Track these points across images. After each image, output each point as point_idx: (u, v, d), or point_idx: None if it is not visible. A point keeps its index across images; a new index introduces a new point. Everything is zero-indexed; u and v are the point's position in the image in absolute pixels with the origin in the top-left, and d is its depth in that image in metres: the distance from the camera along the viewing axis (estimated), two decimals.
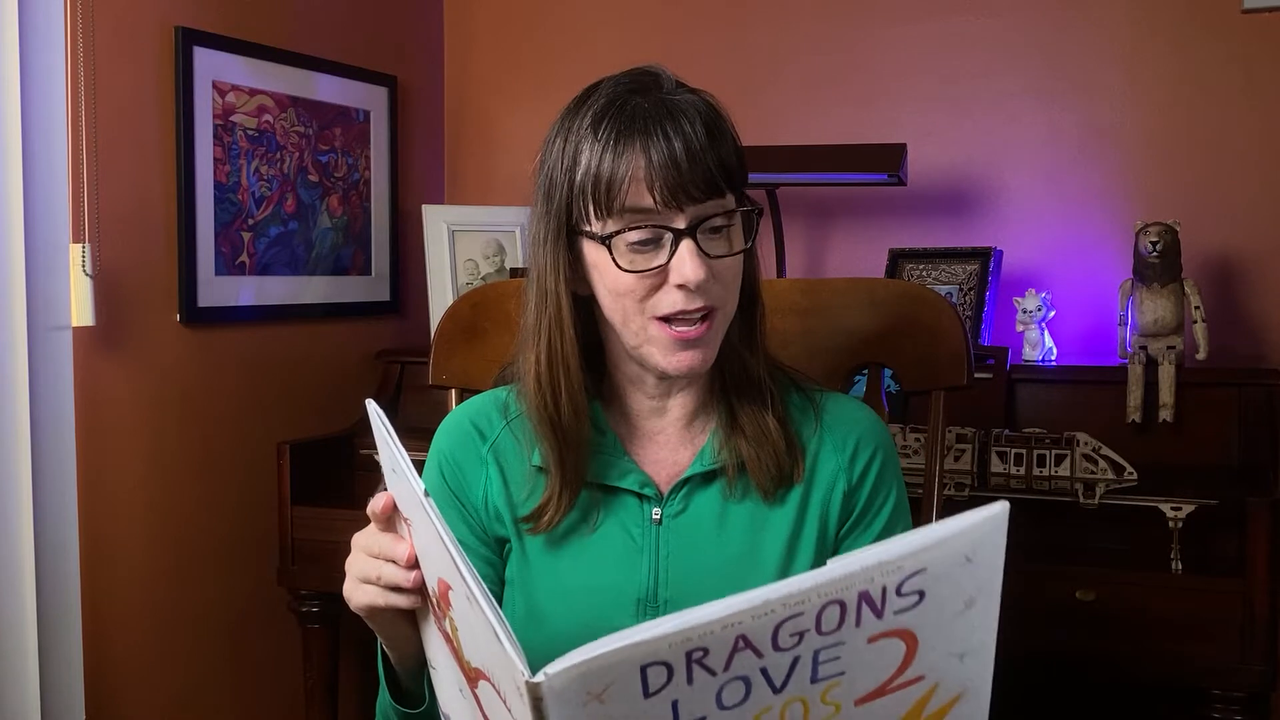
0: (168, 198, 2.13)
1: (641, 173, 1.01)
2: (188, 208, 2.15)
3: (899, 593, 0.73)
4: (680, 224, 1.02)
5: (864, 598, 0.72)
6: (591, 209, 1.03)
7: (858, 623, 0.73)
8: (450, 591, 0.83)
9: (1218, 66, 2.25)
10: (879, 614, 0.73)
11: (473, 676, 0.83)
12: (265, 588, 2.29)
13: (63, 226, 1.91)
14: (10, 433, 1.82)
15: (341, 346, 2.54)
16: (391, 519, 0.94)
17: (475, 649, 0.81)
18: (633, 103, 1.03)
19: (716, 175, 1.02)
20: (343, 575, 0.97)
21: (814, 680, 0.74)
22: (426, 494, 0.83)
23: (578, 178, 1.04)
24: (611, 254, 1.03)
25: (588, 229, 1.05)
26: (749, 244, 1.07)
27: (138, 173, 2.08)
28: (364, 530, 0.97)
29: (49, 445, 1.87)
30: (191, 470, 2.19)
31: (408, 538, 0.92)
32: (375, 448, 0.95)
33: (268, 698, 2.38)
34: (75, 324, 1.92)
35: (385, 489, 0.94)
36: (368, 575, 0.94)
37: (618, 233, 1.03)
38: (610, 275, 1.04)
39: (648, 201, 1.01)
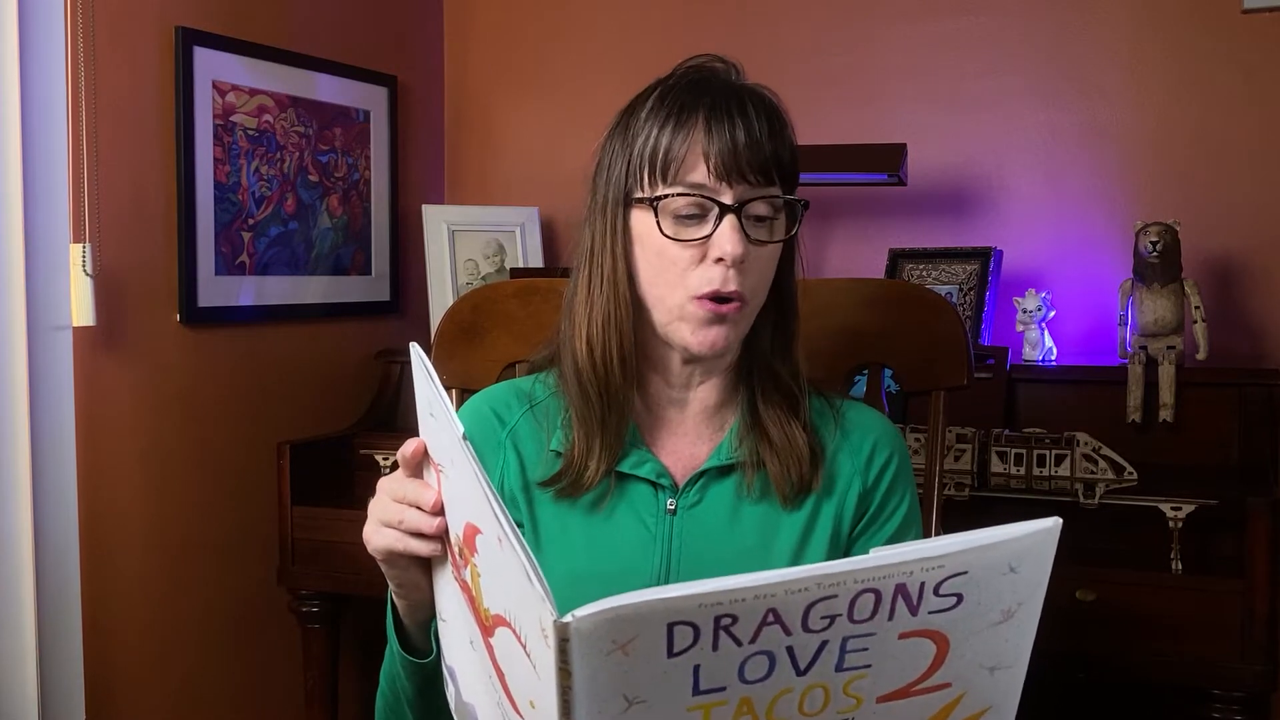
0: (168, 198, 2.13)
1: (700, 146, 1.06)
2: (188, 208, 2.15)
3: (937, 592, 0.73)
4: (728, 199, 1.06)
5: (900, 591, 0.72)
6: (646, 178, 1.07)
7: (891, 615, 0.73)
8: (478, 536, 0.83)
9: (1218, 66, 2.25)
10: (914, 610, 0.73)
11: (489, 626, 0.83)
12: (265, 588, 2.29)
13: (63, 226, 1.91)
14: (10, 433, 1.82)
15: (341, 346, 2.54)
16: (420, 465, 0.95)
17: (498, 594, 0.81)
18: (702, 84, 1.09)
19: (771, 165, 1.07)
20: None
21: (839, 669, 0.74)
22: (465, 436, 0.83)
23: (636, 149, 1.08)
24: (658, 218, 1.06)
25: (640, 196, 1.08)
26: (792, 232, 1.11)
27: (138, 173, 2.08)
28: (390, 475, 0.98)
29: (49, 445, 1.87)
30: (191, 470, 2.19)
31: (435, 485, 0.92)
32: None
33: (268, 698, 2.38)
34: (75, 324, 1.92)
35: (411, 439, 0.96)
36: (390, 519, 0.95)
37: (666, 197, 1.06)
38: (654, 243, 1.07)
39: (701, 174, 1.05)
